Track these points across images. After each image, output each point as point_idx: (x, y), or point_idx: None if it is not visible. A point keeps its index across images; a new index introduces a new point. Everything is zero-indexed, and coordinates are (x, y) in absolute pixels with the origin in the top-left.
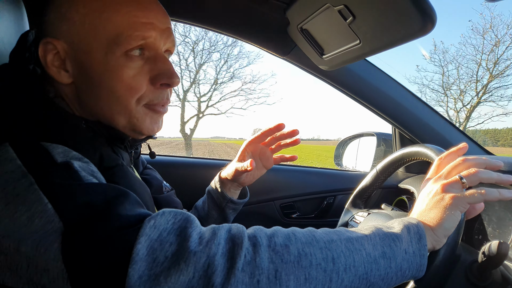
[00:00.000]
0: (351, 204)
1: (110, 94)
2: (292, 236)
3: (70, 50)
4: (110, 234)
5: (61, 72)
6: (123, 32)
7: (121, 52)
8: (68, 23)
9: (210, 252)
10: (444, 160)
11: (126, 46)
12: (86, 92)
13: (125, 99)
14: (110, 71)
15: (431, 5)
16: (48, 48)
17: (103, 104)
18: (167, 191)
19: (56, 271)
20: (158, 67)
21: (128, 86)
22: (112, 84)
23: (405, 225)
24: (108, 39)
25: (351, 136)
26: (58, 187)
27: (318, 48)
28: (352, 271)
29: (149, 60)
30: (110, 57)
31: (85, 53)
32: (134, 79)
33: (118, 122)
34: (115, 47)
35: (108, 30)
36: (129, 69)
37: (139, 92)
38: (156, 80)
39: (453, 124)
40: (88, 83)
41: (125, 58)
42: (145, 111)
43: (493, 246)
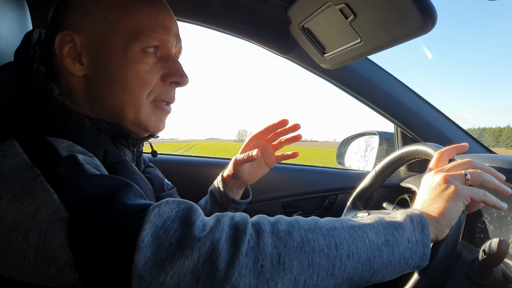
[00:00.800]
0: (350, 205)
1: (124, 87)
2: (295, 223)
3: (87, 44)
4: (116, 222)
5: (76, 64)
6: (143, 31)
7: (139, 48)
8: (89, 18)
9: (214, 238)
10: (444, 154)
11: (144, 43)
12: (99, 85)
13: (138, 93)
14: (128, 64)
15: (431, 3)
16: (65, 40)
17: (115, 96)
18: (168, 189)
19: (64, 260)
20: (169, 66)
21: (142, 79)
22: (127, 77)
23: (408, 215)
24: (129, 35)
25: (353, 135)
26: (64, 178)
27: (319, 47)
28: (355, 257)
29: (162, 59)
30: (129, 52)
31: (105, 46)
32: (148, 73)
33: (126, 116)
34: (135, 43)
35: (130, 27)
36: (144, 64)
37: (150, 86)
38: (167, 77)
39: (455, 123)
40: (103, 76)
41: (142, 54)
42: (151, 108)
43: (493, 244)
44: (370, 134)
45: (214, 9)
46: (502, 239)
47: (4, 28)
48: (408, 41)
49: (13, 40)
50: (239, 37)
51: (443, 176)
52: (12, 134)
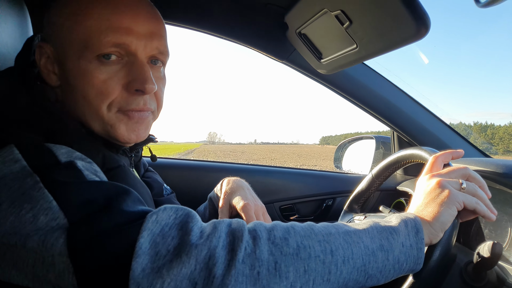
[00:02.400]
0: (347, 208)
1: (82, 99)
2: (291, 230)
3: (55, 54)
4: (113, 229)
5: (51, 75)
6: (92, 37)
7: (93, 56)
8: (52, 27)
9: (211, 245)
10: (439, 159)
11: (96, 51)
12: (68, 95)
13: (96, 104)
14: (82, 75)
15: (424, 10)
16: (41, 51)
17: (79, 108)
18: (167, 194)
19: (62, 266)
20: (133, 73)
21: (99, 90)
22: (83, 88)
23: (403, 219)
24: (80, 43)
25: (351, 139)
26: (62, 185)
27: (316, 52)
28: (350, 263)
29: (127, 66)
30: (82, 61)
31: (64, 56)
32: (105, 83)
33: (94, 128)
34: (86, 51)
35: (81, 34)
36: (100, 73)
37: (110, 97)
38: (130, 85)
39: (451, 127)
40: (68, 86)
41: (97, 62)
42: (118, 117)
43: (487, 247)
44: (367, 138)
45: (213, 15)
46: (496, 242)
47: (5, 34)
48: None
49: (14, 45)
50: (237, 42)
51: (437, 180)
52: (12, 140)
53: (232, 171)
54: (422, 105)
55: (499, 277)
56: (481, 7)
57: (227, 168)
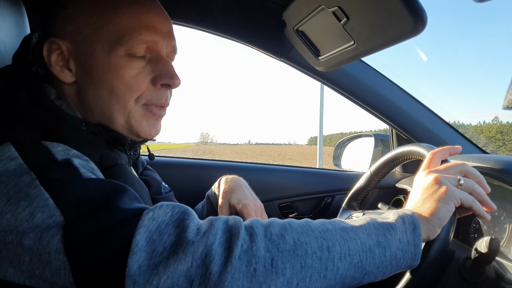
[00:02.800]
0: (346, 206)
1: (110, 93)
2: (288, 226)
3: (74, 50)
4: (110, 226)
5: (65, 71)
6: (125, 34)
7: (123, 53)
8: (73, 24)
9: (207, 242)
10: (437, 155)
11: (128, 48)
12: (87, 91)
13: (125, 98)
14: (112, 71)
15: (421, 6)
16: (52, 48)
17: (103, 103)
18: (165, 192)
19: (58, 263)
20: (159, 68)
21: (129, 85)
22: (112, 83)
23: (400, 216)
24: (111, 39)
25: (350, 137)
26: (59, 183)
27: (314, 50)
28: (347, 259)
29: (151, 62)
30: (112, 57)
31: (88, 52)
32: (135, 78)
33: (116, 122)
34: (118, 48)
35: (112, 31)
36: (130, 69)
37: (138, 91)
38: (157, 80)
39: (449, 124)
40: (89, 82)
41: (127, 58)
42: (142, 112)
43: (485, 243)
44: (366, 136)
45: (210, 13)
46: (493, 238)
47: (2, 32)
48: (401, 43)
49: (12, 44)
50: (235, 40)
51: (434, 176)
52: (9, 138)
53: (231, 169)
54: (421, 102)
55: (497, 273)
56: (478, 2)
57: (226, 166)
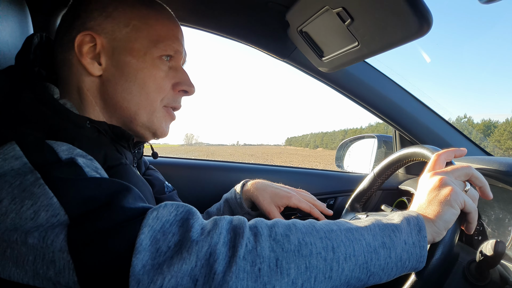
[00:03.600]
0: (349, 207)
1: (141, 90)
2: (293, 227)
3: (108, 46)
4: (114, 225)
5: (95, 64)
6: (163, 40)
7: (157, 55)
8: (113, 22)
9: (212, 242)
10: (441, 156)
11: (162, 51)
12: (115, 86)
13: (153, 96)
14: (146, 69)
15: (427, 7)
16: (85, 40)
17: (131, 98)
18: (169, 192)
19: (63, 262)
20: (179, 76)
21: (158, 85)
22: (145, 81)
23: (405, 217)
24: (149, 41)
25: (352, 138)
26: (63, 182)
27: (317, 51)
28: (352, 260)
29: (172, 69)
30: (147, 57)
31: (125, 50)
32: (163, 80)
33: (139, 118)
34: (154, 49)
35: (151, 35)
36: (160, 70)
37: (164, 92)
38: (177, 86)
39: (453, 126)
40: (120, 77)
41: (159, 60)
42: (163, 112)
43: (490, 245)
44: (369, 137)
45: (214, 14)
46: (499, 241)
47: (5, 32)
48: (405, 45)
49: (15, 44)
50: (239, 41)
51: (440, 178)
52: (13, 137)
53: (234, 170)
54: (424, 104)
55: (502, 276)
56: (484, 3)
57: (229, 167)
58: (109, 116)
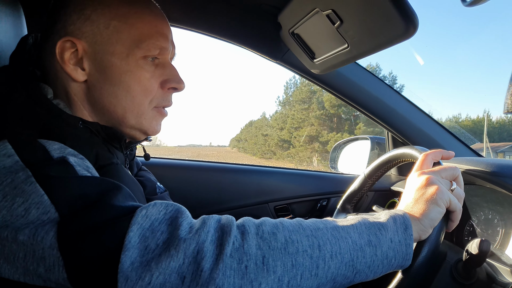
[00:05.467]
0: (340, 208)
1: (126, 93)
2: (280, 225)
3: (90, 50)
4: (104, 223)
5: (78, 70)
6: (145, 39)
7: (140, 56)
8: (92, 25)
9: (199, 239)
10: (429, 156)
11: (146, 51)
12: (101, 90)
13: (140, 100)
14: (130, 72)
15: (412, 10)
16: (66, 46)
17: (118, 102)
18: (160, 193)
19: (52, 259)
20: (167, 73)
21: (144, 87)
22: (130, 84)
23: (391, 216)
24: (131, 42)
25: (346, 140)
26: (54, 180)
27: (309, 52)
28: (338, 258)
29: (159, 66)
30: (130, 59)
31: (107, 53)
32: (149, 81)
33: (127, 121)
34: (137, 50)
35: (132, 35)
36: (145, 71)
37: (152, 93)
38: (166, 84)
39: (444, 126)
40: (105, 82)
41: (143, 61)
42: (153, 113)
43: (475, 244)
44: (362, 139)
45: (206, 15)
46: (484, 239)
47: (0, 33)
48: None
49: (9, 44)
50: (231, 42)
51: (426, 177)
52: (5, 135)
53: (226, 171)
54: (416, 105)
55: (489, 275)
56: (467, 6)
57: (222, 168)
58: (98, 119)
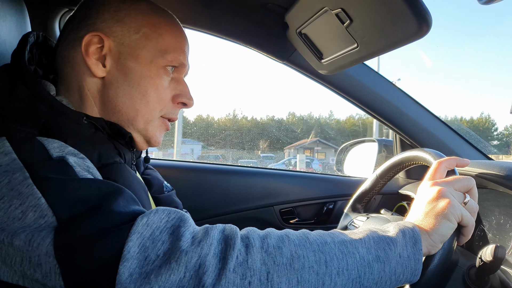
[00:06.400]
0: (350, 208)
1: (142, 97)
2: (285, 238)
3: (115, 49)
4: (102, 231)
5: (99, 65)
6: (170, 51)
7: (162, 65)
8: (123, 26)
9: (202, 252)
10: (442, 164)
11: (168, 62)
12: (117, 90)
13: (153, 106)
14: (150, 77)
15: (426, 7)
16: (93, 40)
17: (132, 103)
18: (167, 192)
19: (49, 266)
20: (180, 88)
21: (159, 95)
22: (147, 89)
23: (401, 229)
24: (157, 50)
25: (352, 142)
26: (52, 182)
27: (317, 53)
28: (345, 274)
29: (174, 80)
30: (153, 66)
31: (132, 56)
32: (165, 90)
33: (137, 124)
34: (160, 60)
35: (160, 44)
36: (164, 80)
37: (164, 103)
38: (177, 98)
39: (453, 129)
40: (124, 82)
41: (163, 71)
42: (159, 123)
43: (490, 251)
44: (369, 141)
45: (213, 15)
46: (499, 245)
47: (3, 31)
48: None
49: (12, 43)
50: (237, 43)
51: (438, 189)
52: (4, 133)
53: (232, 174)
54: (424, 107)
55: (503, 282)
56: (483, 4)
57: (227, 170)
58: (106, 117)
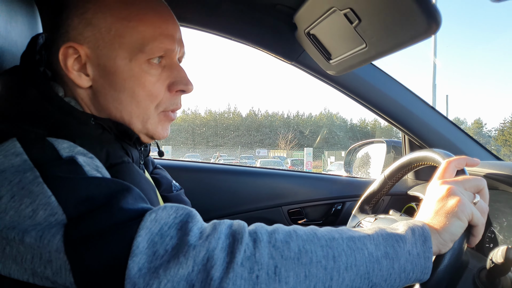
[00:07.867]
0: (358, 209)
1: (131, 99)
2: (293, 233)
3: (92, 55)
4: (111, 227)
5: (82, 76)
6: (148, 42)
7: (144, 60)
8: (93, 29)
9: (209, 246)
10: (452, 164)
11: (149, 54)
12: (105, 96)
13: (145, 105)
14: (133, 77)
15: (435, 6)
16: (69, 52)
17: (123, 108)
18: (176, 191)
19: (59, 263)
20: (174, 75)
21: (149, 92)
22: (134, 90)
23: (410, 227)
24: (133, 46)
25: (361, 143)
26: (62, 181)
27: (325, 53)
28: (353, 270)
29: (166, 68)
30: (134, 64)
31: (110, 58)
32: (155, 86)
33: (134, 126)
34: (140, 55)
35: (134, 39)
36: (150, 76)
37: (158, 98)
38: (173, 87)
39: (463, 130)
40: (109, 87)
41: (147, 65)
42: (160, 117)
43: (501, 252)
44: (378, 142)
45: (221, 16)
46: (510, 247)
47: (15, 33)
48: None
49: (24, 44)
50: (245, 43)
51: (448, 187)
52: (14, 133)
53: (239, 174)
54: (433, 108)
55: None
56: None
57: (235, 170)
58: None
